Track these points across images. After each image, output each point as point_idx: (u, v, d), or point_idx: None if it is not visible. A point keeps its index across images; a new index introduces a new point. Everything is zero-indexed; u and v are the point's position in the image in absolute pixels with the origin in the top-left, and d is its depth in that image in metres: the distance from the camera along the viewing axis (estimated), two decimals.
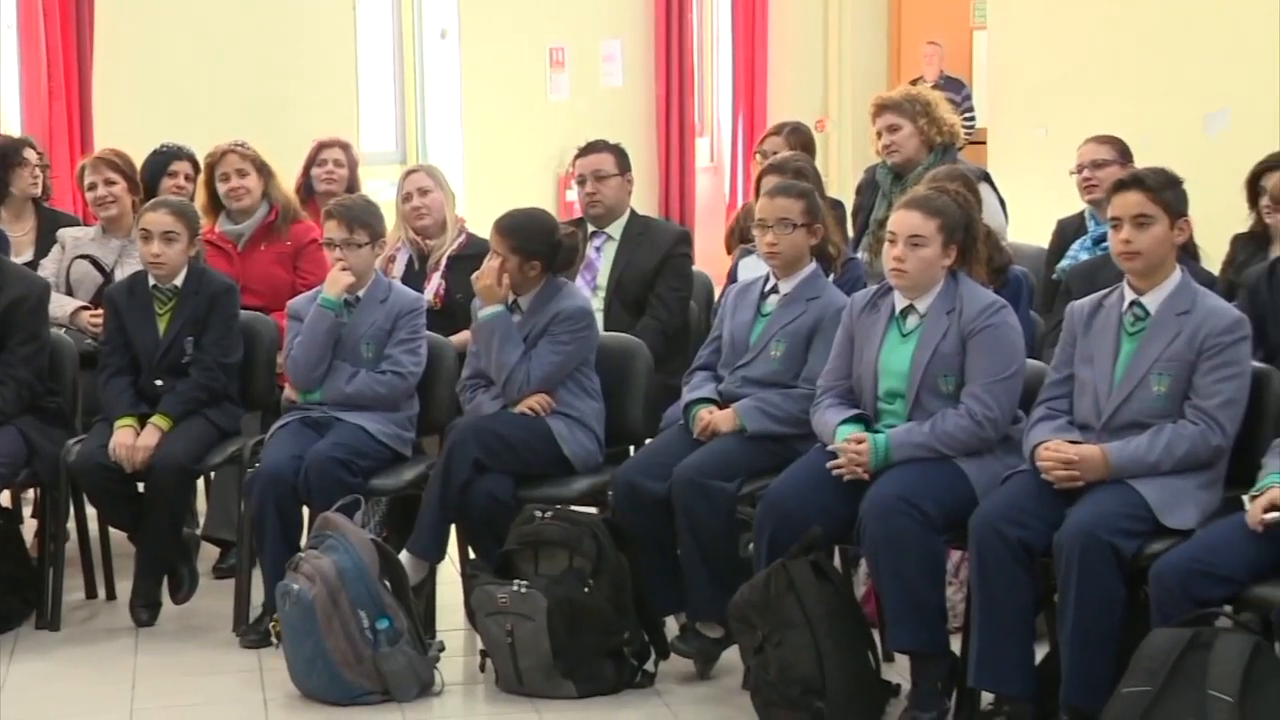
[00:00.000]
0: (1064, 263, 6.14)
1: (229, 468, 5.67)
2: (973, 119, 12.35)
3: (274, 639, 5.11)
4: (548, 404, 5.26)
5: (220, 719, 4.88)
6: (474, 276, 5.36)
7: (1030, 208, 7.13)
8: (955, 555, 4.86)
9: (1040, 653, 4.48)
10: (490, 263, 5.29)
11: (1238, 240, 5.79)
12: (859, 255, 6.03)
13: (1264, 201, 5.41)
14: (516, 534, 4.97)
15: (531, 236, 5.30)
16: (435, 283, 6.22)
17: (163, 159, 6.79)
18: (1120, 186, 4.54)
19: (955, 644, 4.66)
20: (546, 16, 11.46)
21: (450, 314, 6.04)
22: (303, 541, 5.16)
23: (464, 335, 5.67)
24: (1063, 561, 4.25)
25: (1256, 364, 4.51)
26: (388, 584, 4.89)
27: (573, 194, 7.05)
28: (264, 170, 6.43)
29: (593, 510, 5.20)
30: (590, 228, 6.24)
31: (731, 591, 4.65)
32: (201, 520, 6.19)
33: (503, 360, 5.24)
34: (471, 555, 5.27)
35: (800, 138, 7.12)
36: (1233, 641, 3.89)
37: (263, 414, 5.87)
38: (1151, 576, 4.13)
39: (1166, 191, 4.45)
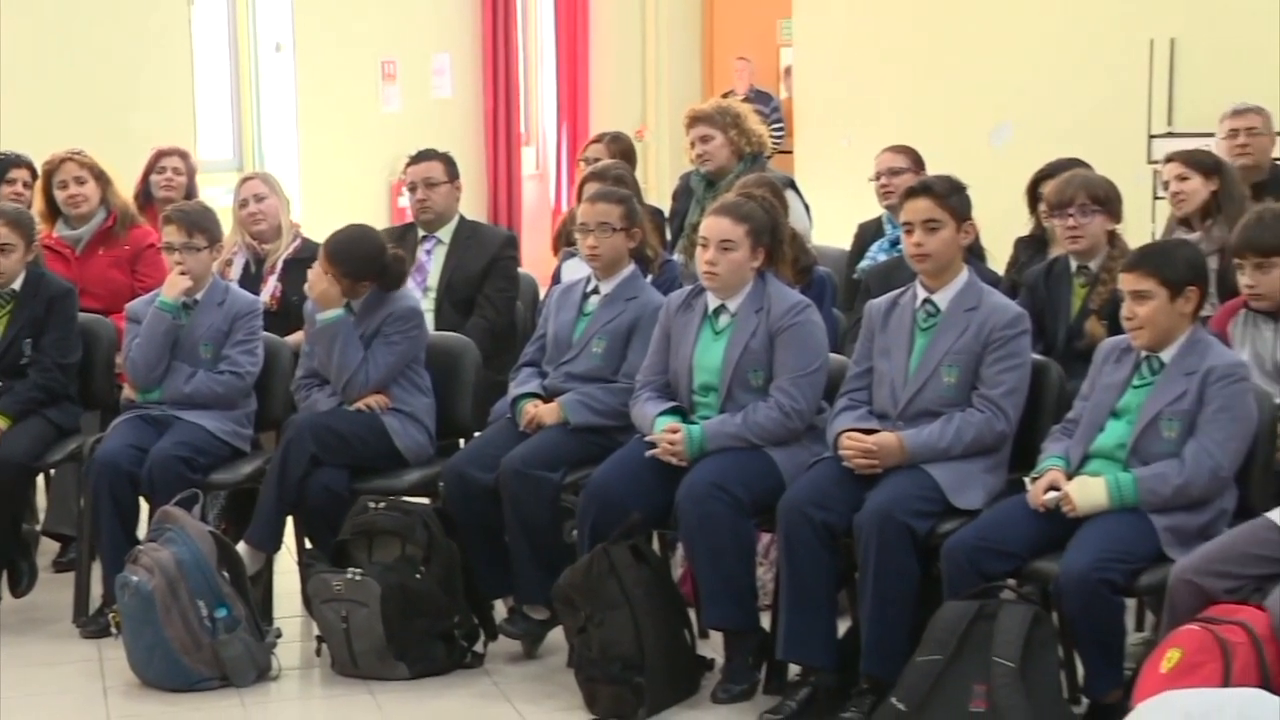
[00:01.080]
0: (863, 263, 6.20)
1: (68, 465, 5.56)
2: (781, 130, 12.50)
3: (113, 629, 5.04)
4: (384, 403, 5.23)
5: (61, 708, 4.78)
6: (306, 287, 5.31)
7: (833, 212, 7.23)
8: (765, 537, 4.91)
9: (842, 627, 4.55)
10: (319, 268, 5.25)
11: (1019, 242, 5.92)
12: (675, 257, 6.07)
13: (1042, 207, 5.53)
14: (351, 524, 4.94)
15: (360, 262, 5.24)
16: (271, 285, 6.14)
17: (0, 166, 6.62)
18: (911, 194, 4.63)
19: (765, 620, 4.73)
20: (378, 31, 11.38)
21: (286, 315, 5.97)
22: (141, 534, 5.08)
23: (299, 336, 5.61)
24: (862, 541, 4.32)
25: (1036, 356, 4.63)
26: (226, 574, 4.84)
27: (404, 200, 7.00)
28: (101, 178, 6.31)
29: (424, 500, 5.17)
30: (421, 232, 6.22)
31: (556, 575, 4.67)
32: (42, 516, 6.05)
33: (344, 362, 5.20)
34: (308, 545, 5.22)
35: (621, 146, 7.16)
36: (1015, 612, 3.98)
37: (102, 413, 5.76)
38: (943, 554, 4.22)
39: (952, 197, 4.55)
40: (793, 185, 6.38)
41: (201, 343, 5.42)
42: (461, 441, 5.50)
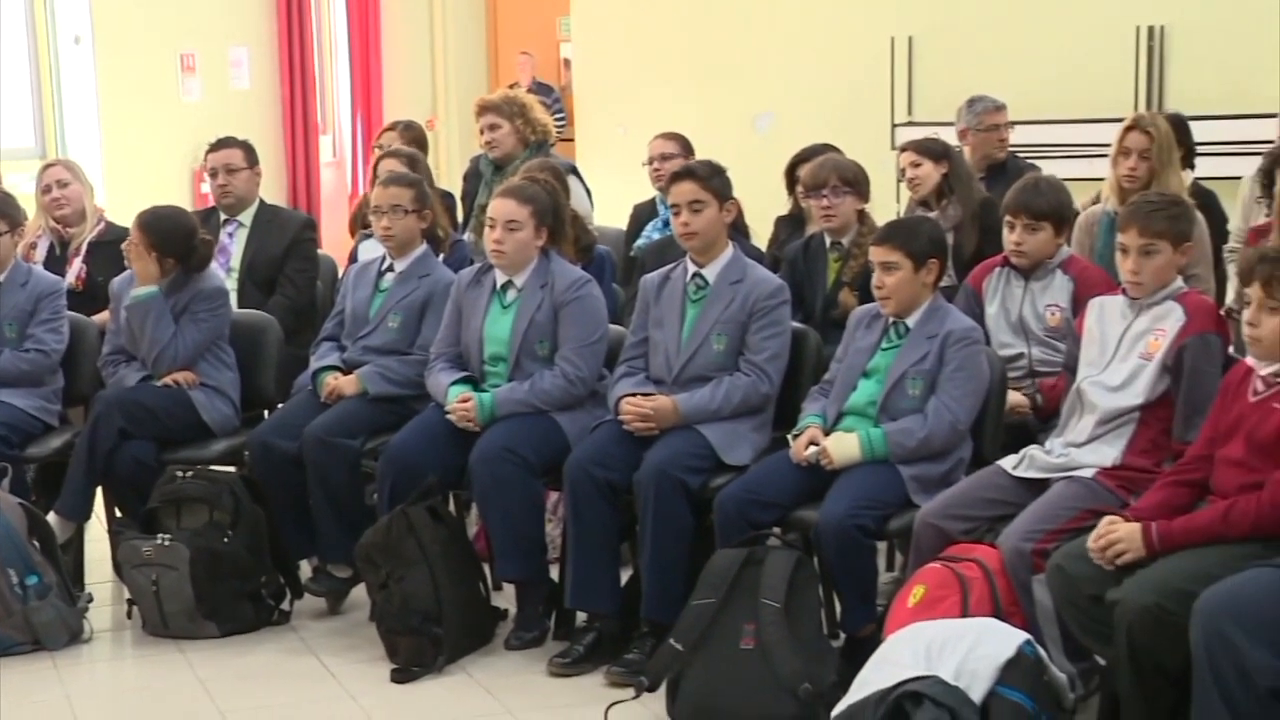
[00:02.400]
0: (639, 242, 6.26)
1: None
2: (562, 119, 12.51)
3: None
4: (191, 379, 5.13)
5: None
6: (125, 247, 5.18)
7: (611, 195, 7.27)
8: (553, 495, 4.93)
9: (625, 575, 4.60)
10: (134, 241, 5.13)
11: (780, 221, 6.03)
12: (465, 237, 6.06)
13: (799, 188, 5.63)
14: (160, 493, 4.85)
15: (170, 236, 5.13)
16: (76, 267, 5.97)
17: None
18: (677, 177, 4.69)
19: (554, 572, 4.76)
20: (176, 24, 11.08)
21: (91, 296, 5.81)
22: None
23: (105, 315, 5.47)
24: (642, 497, 4.37)
25: (796, 324, 4.72)
26: (36, 543, 4.72)
27: (206, 186, 6.87)
28: None
29: (231, 469, 5.10)
30: (223, 216, 6.10)
31: (357, 536, 4.63)
32: None
33: (156, 337, 5.08)
34: (118, 514, 5.11)
35: (413, 134, 7.09)
36: (780, 557, 4.05)
37: None
38: (715, 506, 4.28)
39: (714, 179, 4.61)
40: (575, 171, 6.41)
41: (6, 323, 5.24)
42: (266, 413, 5.42)
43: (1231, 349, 4.06)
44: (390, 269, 5.18)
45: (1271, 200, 4.90)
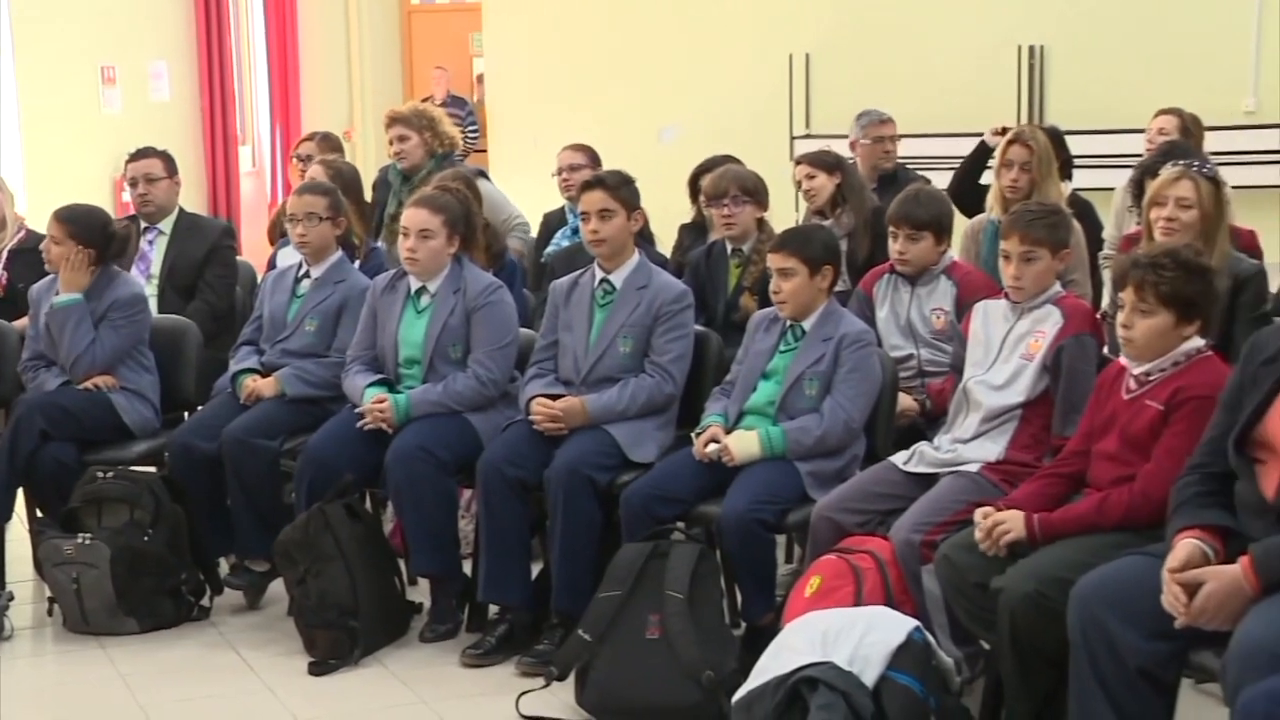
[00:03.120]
0: (550, 248, 6.25)
1: None
2: (476, 131, 12.48)
3: None
4: (111, 382, 5.05)
5: None
6: (44, 248, 5.09)
7: (523, 203, 7.27)
8: (466, 493, 4.92)
9: (535, 569, 4.59)
10: (54, 249, 5.06)
11: (683, 229, 6.03)
12: (379, 244, 6.02)
13: (702, 198, 5.66)
14: (80, 493, 4.78)
15: (88, 225, 5.08)
16: None
17: None
18: (586, 186, 4.70)
19: (467, 566, 4.75)
20: (96, 38, 10.94)
21: (12, 301, 5.72)
22: None
23: (24, 321, 5.38)
24: (552, 494, 4.36)
25: (698, 327, 4.73)
26: None
27: (128, 195, 6.77)
28: None
29: (151, 469, 5.03)
30: (144, 224, 6.02)
31: (276, 533, 4.59)
32: None
33: (74, 343, 5.00)
34: (39, 514, 5.02)
35: (330, 144, 7.05)
36: (683, 550, 4.06)
37: None
38: (621, 502, 4.28)
39: (622, 189, 4.62)
40: (483, 174, 6.41)
41: None
42: (185, 414, 5.36)
43: (1106, 349, 4.13)
44: (307, 275, 5.14)
45: (1141, 209, 4.99)
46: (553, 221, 6.52)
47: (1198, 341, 3.48)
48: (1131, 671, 3.04)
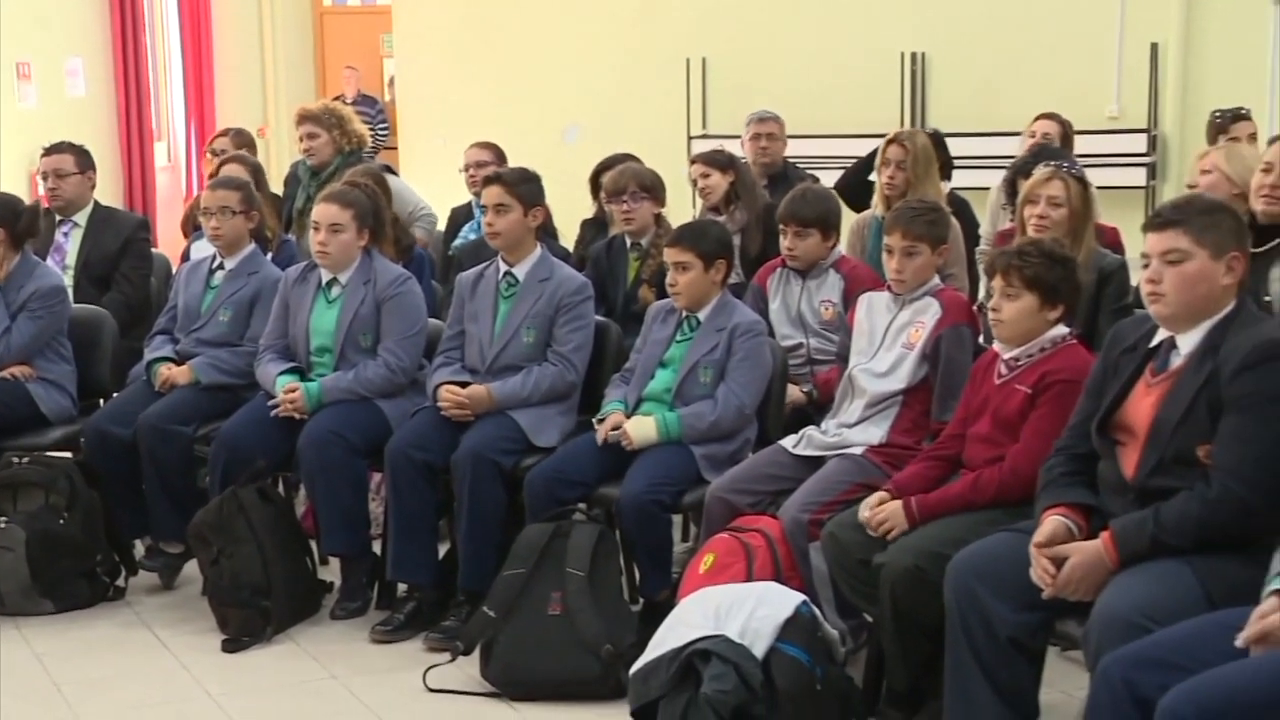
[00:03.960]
0: (457, 242, 6.21)
1: None
2: (386, 130, 12.38)
3: None
4: (28, 373, 4.96)
5: None
6: None
7: (431, 199, 7.22)
8: (376, 476, 4.90)
9: (442, 549, 4.58)
10: None
11: (585, 224, 6.04)
12: (290, 237, 5.96)
13: (602, 194, 5.65)
14: None
15: None
16: None
17: None
18: (487, 182, 4.69)
19: (377, 547, 4.72)
20: (11, 34, 10.68)
21: None
22: None
23: None
24: (458, 477, 4.35)
25: (599, 318, 4.74)
26: None
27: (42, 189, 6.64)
28: None
29: (67, 455, 4.94)
30: (59, 216, 5.90)
31: (190, 516, 4.54)
32: None
33: None
34: None
35: (243, 139, 6.95)
36: (584, 530, 4.07)
37: None
38: (525, 485, 4.28)
39: (520, 185, 4.60)
40: (390, 169, 6.37)
41: None
42: (101, 402, 5.27)
43: (981, 339, 4.20)
44: (221, 267, 5.08)
45: (1015, 208, 5.07)
46: (459, 216, 6.48)
47: (1062, 330, 3.55)
48: (1002, 640, 3.10)
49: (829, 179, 6.15)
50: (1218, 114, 6.26)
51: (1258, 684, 2.50)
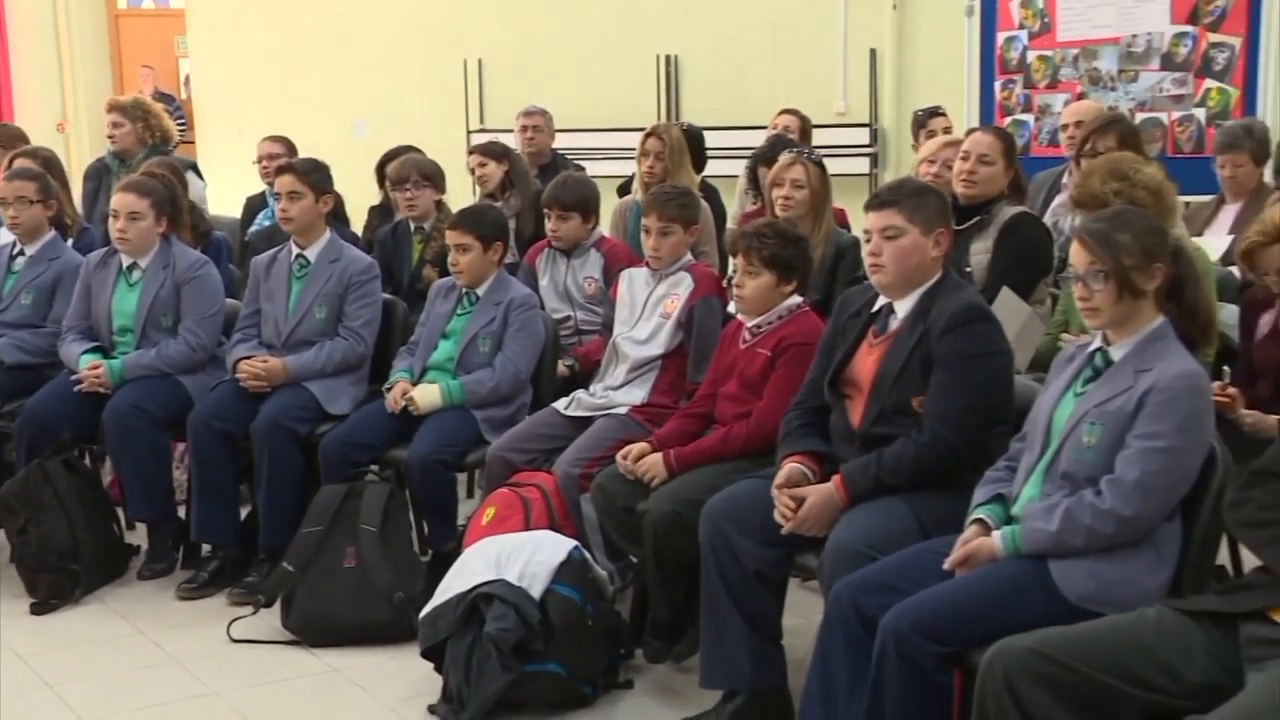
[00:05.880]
0: (252, 229, 6.06)
1: None
2: (184, 125, 11.90)
3: None
4: None
5: None
6: None
7: (230, 189, 7.00)
8: (180, 445, 4.72)
9: (244, 512, 4.46)
10: None
11: (372, 210, 5.95)
12: (89, 225, 5.68)
13: (388, 183, 5.54)
14: None
15: None
16: None
17: None
18: (279, 171, 4.58)
19: (181, 511, 4.55)
20: None
21: None
22: None
23: None
24: (258, 444, 4.24)
25: (386, 296, 4.63)
26: None
27: None
28: None
29: None
30: None
31: None
32: None
33: None
34: None
35: (12, 134, 6.60)
36: (376, 490, 4.01)
37: None
38: (320, 449, 4.17)
39: (311, 174, 4.48)
40: (194, 168, 6.15)
41: None
42: None
43: (731, 308, 4.26)
44: (22, 253, 4.83)
45: (758, 193, 5.17)
46: (255, 205, 6.32)
47: (797, 299, 3.63)
48: (749, 573, 3.16)
49: (595, 169, 6.16)
50: (919, 111, 6.49)
51: (960, 599, 2.61)
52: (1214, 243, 4.73)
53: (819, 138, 6.59)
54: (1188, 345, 2.70)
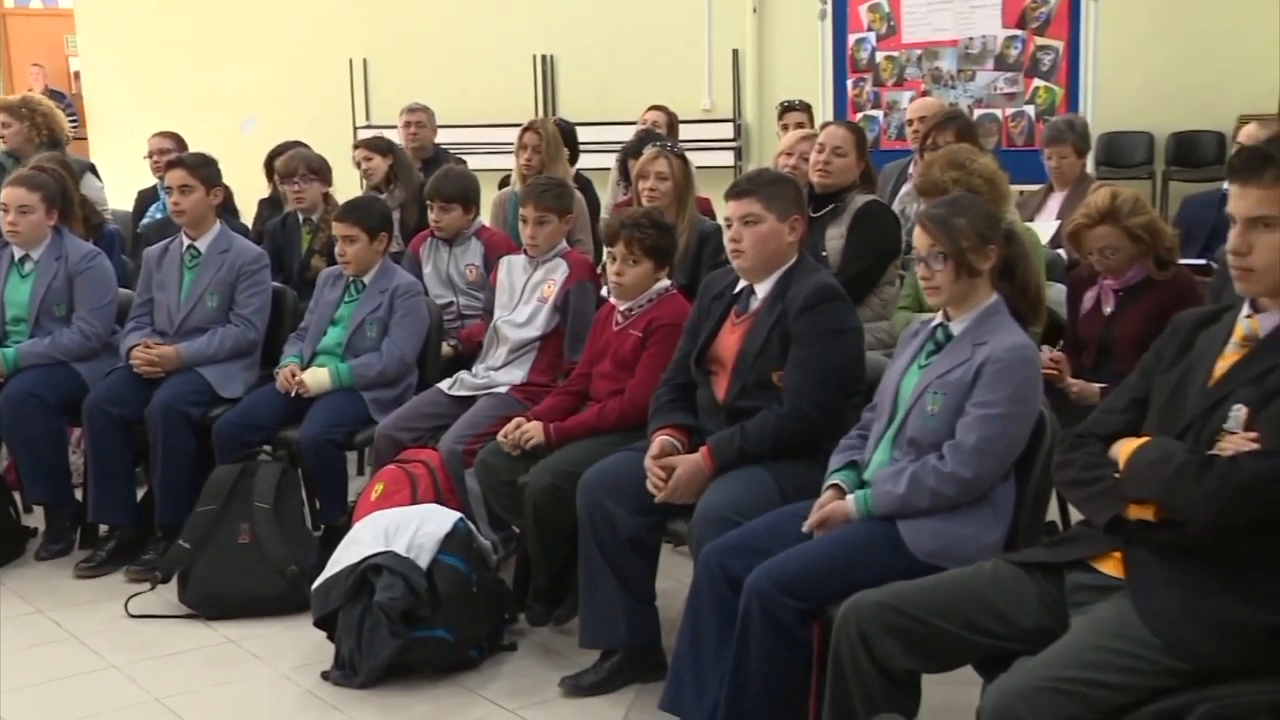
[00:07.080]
0: (145, 221, 5.90)
1: None
2: (75, 121, 11.49)
3: None
4: None
5: None
6: None
7: (123, 183, 6.78)
8: (76, 431, 4.55)
9: (140, 494, 4.33)
10: None
11: (262, 203, 5.80)
12: None
13: (276, 176, 5.42)
14: None
15: None
16: None
17: None
18: (169, 165, 4.46)
19: (78, 494, 4.41)
20: None
21: None
22: None
23: None
24: (152, 427, 4.12)
25: (276, 284, 4.52)
26: None
27: None
28: None
29: None
30: None
31: None
32: None
33: None
34: None
35: None
36: (269, 469, 3.93)
37: None
38: (214, 432, 4.08)
39: (201, 168, 4.36)
40: (91, 169, 5.94)
41: None
42: None
43: (605, 292, 4.25)
44: None
45: (628, 184, 5.15)
46: (146, 198, 6.17)
47: (665, 283, 3.63)
48: (624, 540, 3.16)
49: (475, 162, 6.08)
50: (780, 105, 6.55)
51: (817, 559, 2.64)
52: (1043, 227, 4.86)
53: (686, 132, 6.62)
54: (1019, 320, 2.76)
